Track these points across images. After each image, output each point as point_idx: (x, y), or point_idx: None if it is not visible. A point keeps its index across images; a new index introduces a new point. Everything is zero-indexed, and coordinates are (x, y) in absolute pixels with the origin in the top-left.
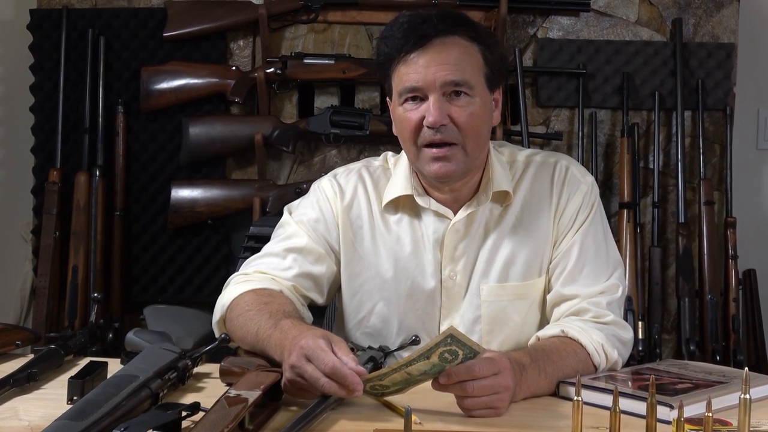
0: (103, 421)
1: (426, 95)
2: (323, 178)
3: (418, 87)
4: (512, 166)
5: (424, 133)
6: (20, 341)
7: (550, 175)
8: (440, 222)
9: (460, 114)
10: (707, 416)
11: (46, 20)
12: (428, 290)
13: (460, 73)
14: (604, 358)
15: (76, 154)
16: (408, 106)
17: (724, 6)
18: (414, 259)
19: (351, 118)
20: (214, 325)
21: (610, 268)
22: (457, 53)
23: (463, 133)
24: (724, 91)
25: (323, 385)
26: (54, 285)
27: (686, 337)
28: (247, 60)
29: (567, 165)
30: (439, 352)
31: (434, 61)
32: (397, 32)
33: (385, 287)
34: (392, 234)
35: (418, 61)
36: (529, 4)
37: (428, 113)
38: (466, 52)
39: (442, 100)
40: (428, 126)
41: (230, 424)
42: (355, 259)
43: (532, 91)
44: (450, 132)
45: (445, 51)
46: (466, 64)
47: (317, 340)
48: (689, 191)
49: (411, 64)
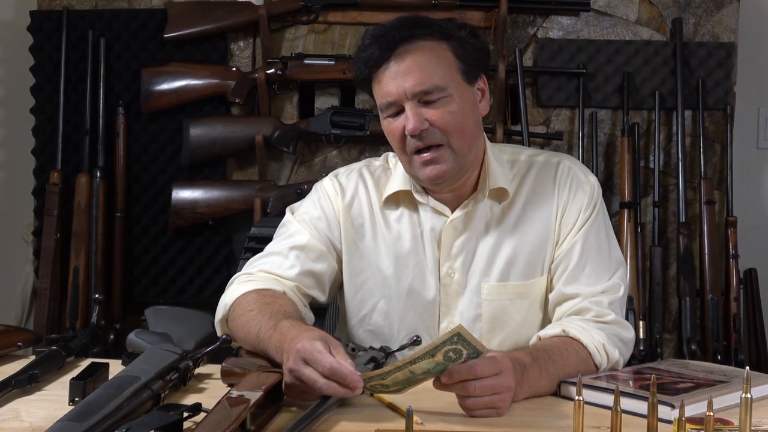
0: (104, 422)
1: (402, 106)
2: (324, 177)
3: (393, 101)
4: (514, 166)
5: (408, 142)
6: (21, 342)
7: (553, 175)
8: (438, 218)
9: (438, 116)
10: (708, 416)
11: (46, 22)
12: (427, 287)
13: (428, 79)
14: (605, 358)
15: (76, 156)
16: (390, 119)
17: (724, 5)
18: (414, 256)
19: (351, 118)
20: (216, 324)
21: (612, 267)
22: (422, 58)
23: (446, 133)
24: (724, 91)
25: (321, 386)
26: (55, 286)
27: (687, 336)
28: (248, 61)
29: (570, 165)
30: (445, 351)
31: (400, 71)
32: (362, 52)
33: (385, 284)
34: (392, 231)
35: (387, 74)
36: (529, 4)
37: (407, 122)
38: (432, 54)
39: (417, 106)
40: (409, 135)
41: (232, 424)
42: (356, 256)
43: (532, 91)
44: (432, 135)
45: (409, 58)
46: (433, 66)
47: (314, 342)
48: (690, 191)
49: (382, 80)
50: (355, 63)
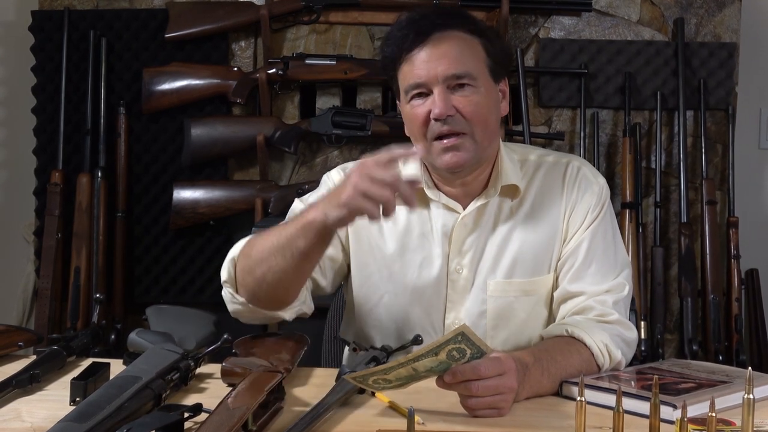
0: (106, 422)
1: (430, 89)
2: (332, 170)
3: (422, 83)
4: (524, 165)
5: (432, 127)
6: (23, 342)
7: (561, 175)
8: (449, 215)
9: (465, 104)
10: (711, 416)
11: (47, 21)
12: (434, 283)
13: (462, 65)
14: (607, 359)
15: (78, 156)
16: (415, 102)
17: (725, 5)
18: (421, 251)
19: (353, 118)
20: (223, 270)
21: (617, 267)
22: (457, 46)
23: (471, 123)
24: (726, 91)
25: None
26: (56, 286)
27: (689, 337)
28: (249, 61)
29: (579, 165)
30: (448, 350)
31: (434, 55)
32: (397, 33)
33: (391, 279)
34: (400, 226)
35: (420, 57)
36: (531, 4)
37: (434, 106)
38: (467, 45)
39: (447, 92)
40: (435, 118)
41: (235, 425)
42: (363, 249)
43: (533, 92)
44: (457, 122)
45: (445, 44)
46: (467, 56)
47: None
48: (691, 191)
49: (413, 62)
50: (387, 43)
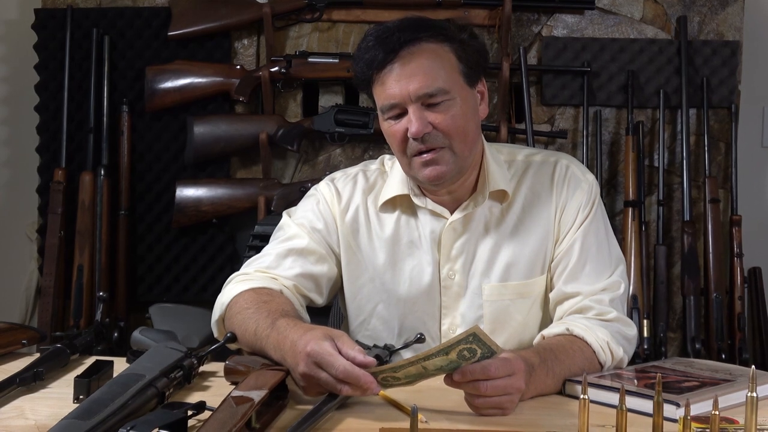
0: (109, 420)
1: (405, 109)
2: (320, 182)
3: (396, 103)
4: (511, 166)
5: (410, 144)
6: (26, 340)
7: (550, 174)
8: (437, 221)
9: (441, 120)
10: (714, 414)
11: (50, 20)
12: (427, 290)
13: (433, 81)
14: (609, 356)
15: (80, 154)
16: (392, 121)
17: (728, 4)
18: (411, 260)
19: (355, 116)
20: (213, 325)
21: (612, 265)
22: (427, 60)
23: (449, 136)
24: (729, 89)
25: (341, 390)
26: (59, 284)
27: (691, 335)
28: (252, 59)
29: (567, 164)
30: (459, 349)
31: (405, 73)
32: (365, 53)
33: (384, 289)
34: (390, 236)
35: (391, 77)
36: (534, 2)
37: (410, 124)
38: (437, 57)
39: (421, 109)
40: (411, 137)
41: (238, 423)
42: (354, 261)
43: (536, 90)
44: (435, 138)
45: (415, 61)
46: (437, 69)
47: (322, 343)
48: (694, 189)
49: (384, 82)
50: (356, 63)
